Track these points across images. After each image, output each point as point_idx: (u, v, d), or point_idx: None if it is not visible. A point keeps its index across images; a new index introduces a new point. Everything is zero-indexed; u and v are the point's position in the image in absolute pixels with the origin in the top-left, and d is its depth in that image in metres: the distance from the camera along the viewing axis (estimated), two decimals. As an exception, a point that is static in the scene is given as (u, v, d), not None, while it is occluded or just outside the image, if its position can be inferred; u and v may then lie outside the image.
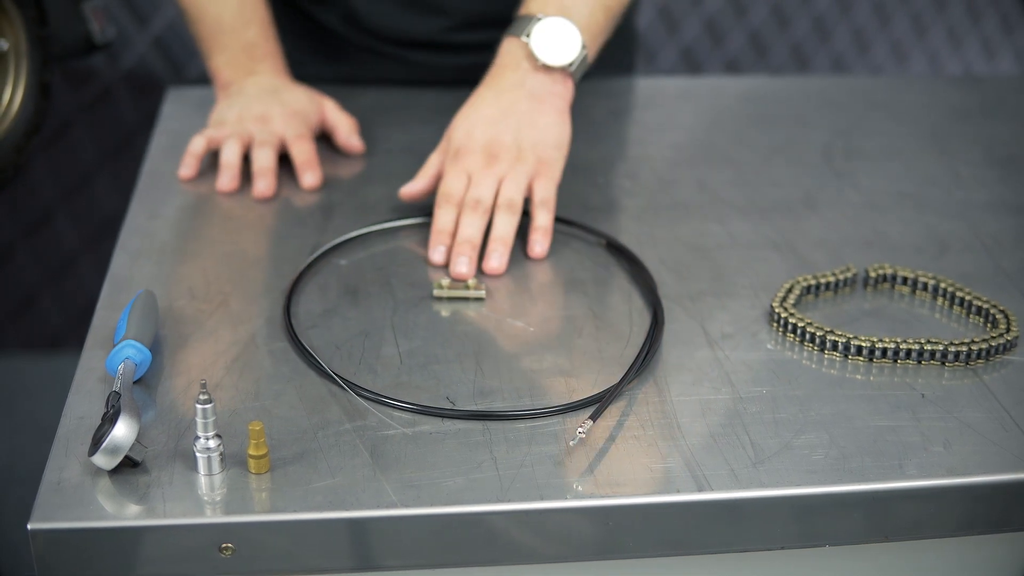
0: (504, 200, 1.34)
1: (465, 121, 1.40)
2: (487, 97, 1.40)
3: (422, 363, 1.14)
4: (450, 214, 1.34)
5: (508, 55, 1.42)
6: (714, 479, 1.00)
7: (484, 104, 1.40)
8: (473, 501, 0.97)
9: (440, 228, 1.34)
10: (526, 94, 1.39)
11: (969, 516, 1.04)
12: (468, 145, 1.38)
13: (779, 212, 1.45)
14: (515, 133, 1.38)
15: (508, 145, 1.37)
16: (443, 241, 1.33)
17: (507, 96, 1.40)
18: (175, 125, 1.67)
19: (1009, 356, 1.19)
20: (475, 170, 1.36)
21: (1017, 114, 1.84)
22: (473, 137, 1.38)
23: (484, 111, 1.39)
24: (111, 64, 2.59)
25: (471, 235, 1.32)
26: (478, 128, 1.38)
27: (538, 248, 1.35)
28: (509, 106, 1.39)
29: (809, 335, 1.19)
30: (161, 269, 1.30)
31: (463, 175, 1.36)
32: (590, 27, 1.43)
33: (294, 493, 0.97)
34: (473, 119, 1.39)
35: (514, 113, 1.38)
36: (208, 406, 0.97)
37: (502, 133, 1.37)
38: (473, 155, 1.37)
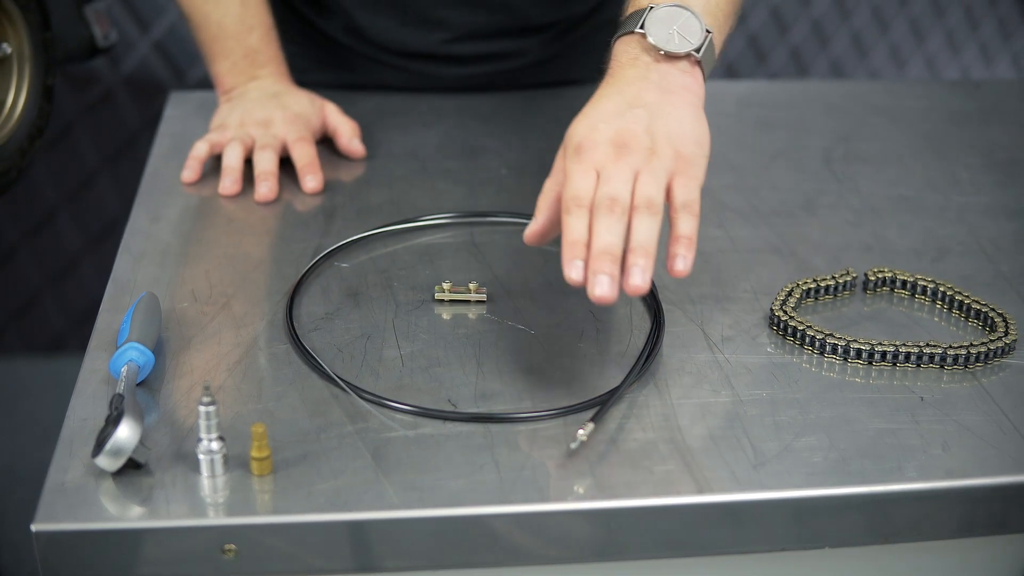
0: (643, 199, 1.09)
1: (584, 119, 1.16)
2: (607, 94, 1.17)
3: (424, 366, 1.15)
4: (583, 220, 1.08)
5: (623, 53, 1.21)
6: (714, 481, 1.01)
7: (605, 100, 1.16)
8: (474, 503, 0.98)
9: (575, 239, 1.07)
10: (653, 86, 1.16)
11: (968, 518, 1.04)
12: (592, 138, 1.13)
13: (779, 216, 1.46)
14: (647, 123, 1.13)
15: (640, 135, 1.12)
16: (580, 254, 1.06)
17: (631, 89, 1.16)
18: (177, 128, 1.68)
19: (1007, 359, 1.19)
20: (604, 164, 1.11)
21: (1015, 118, 1.84)
22: (597, 130, 1.13)
23: (606, 106, 1.15)
24: (113, 68, 2.60)
25: (610, 244, 1.06)
26: (602, 120, 1.14)
27: (681, 264, 1.09)
28: (635, 98, 1.15)
29: (809, 338, 1.19)
30: (164, 272, 1.30)
31: (591, 172, 1.11)
32: (711, 11, 1.22)
33: (296, 495, 0.98)
34: (594, 116, 1.15)
35: (642, 104, 1.15)
36: (211, 408, 0.98)
37: (631, 123, 1.13)
38: (599, 148, 1.12)
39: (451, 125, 1.71)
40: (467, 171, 1.57)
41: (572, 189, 1.10)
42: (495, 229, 1.42)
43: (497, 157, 1.61)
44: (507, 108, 1.77)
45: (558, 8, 1.77)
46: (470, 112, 1.76)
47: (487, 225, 1.42)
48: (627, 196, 1.09)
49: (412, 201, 1.48)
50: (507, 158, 1.61)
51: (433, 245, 1.38)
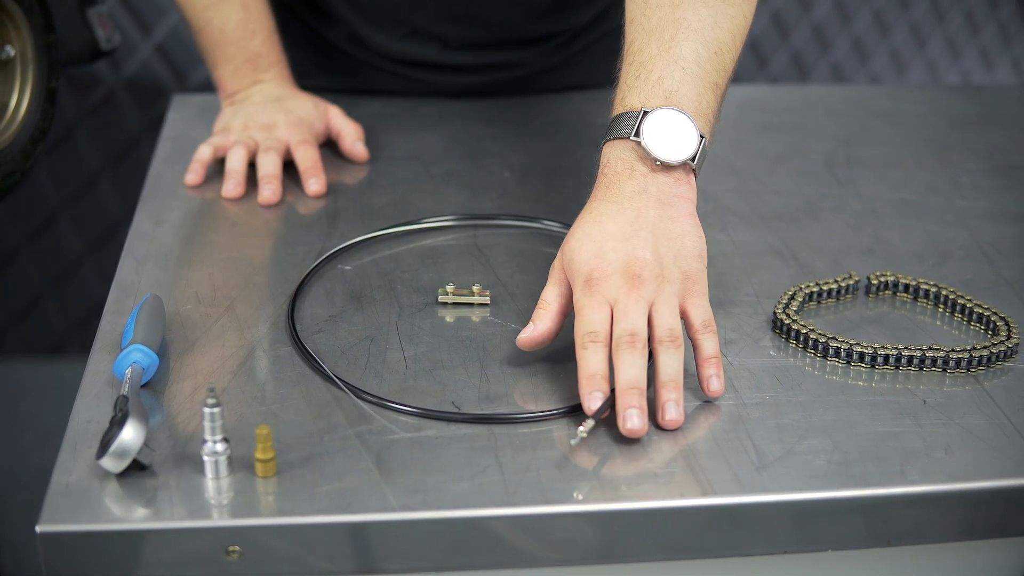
0: (665, 332, 1.11)
1: (588, 242, 1.15)
2: (608, 211, 1.16)
3: (427, 368, 1.15)
4: (599, 354, 1.09)
5: (618, 160, 1.19)
6: (718, 484, 1.01)
7: (606, 219, 1.16)
8: (478, 505, 0.98)
9: (592, 372, 1.08)
10: (652, 201, 1.16)
11: (970, 521, 1.05)
12: (602, 268, 1.13)
13: (781, 220, 1.46)
14: (653, 248, 1.13)
15: (650, 263, 1.13)
16: (600, 387, 1.08)
17: (631, 206, 1.16)
18: (180, 131, 1.68)
19: (1010, 363, 1.19)
20: (618, 297, 1.11)
21: (1016, 123, 1.84)
22: (606, 259, 1.13)
23: (608, 227, 1.15)
24: (114, 70, 2.60)
25: (635, 378, 1.08)
26: (608, 247, 1.13)
27: (716, 384, 1.12)
28: (636, 217, 1.15)
29: (811, 341, 1.19)
30: (167, 274, 1.31)
31: (604, 306, 1.11)
32: (702, 113, 1.20)
33: (300, 497, 0.98)
34: (598, 238, 1.14)
35: (645, 224, 1.15)
36: (215, 410, 0.98)
37: (638, 249, 1.13)
38: (611, 279, 1.12)
39: (454, 128, 1.72)
40: (470, 174, 1.57)
41: (587, 325, 1.11)
42: (498, 232, 1.42)
43: (500, 160, 1.61)
44: (510, 111, 1.78)
45: (557, 22, 1.77)
46: (473, 115, 1.76)
47: (490, 228, 1.43)
48: (645, 329, 1.10)
49: (415, 204, 1.48)
50: (510, 161, 1.61)
51: (436, 248, 1.38)
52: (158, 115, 1.76)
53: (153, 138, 1.68)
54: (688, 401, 1.11)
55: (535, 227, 1.43)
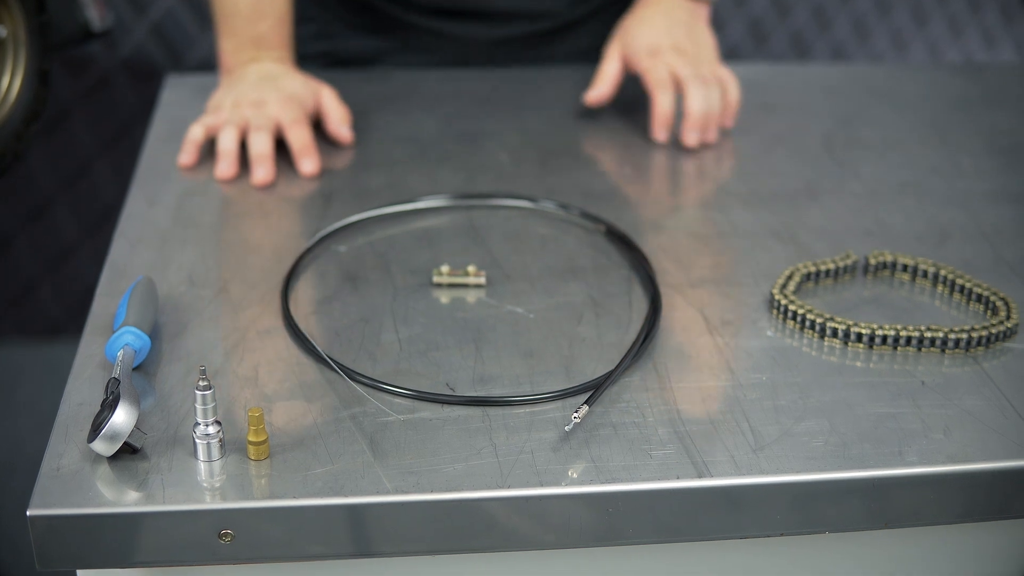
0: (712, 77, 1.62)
1: (645, 30, 1.66)
2: (655, 15, 1.68)
3: (422, 350, 1.14)
4: (670, 96, 1.59)
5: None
6: (714, 465, 1.00)
7: (656, 19, 1.67)
8: (472, 487, 0.97)
9: (664, 111, 1.59)
10: (686, 15, 1.68)
11: (969, 503, 1.04)
12: (660, 44, 1.63)
13: (780, 201, 1.45)
14: (690, 41, 1.65)
15: (693, 50, 1.64)
16: (667, 123, 1.60)
17: (673, 15, 1.68)
18: (174, 112, 1.67)
19: (1009, 343, 1.19)
20: (672, 61, 1.61)
21: (1018, 103, 1.84)
22: (659, 41, 1.63)
23: (658, 22, 1.67)
24: (109, 51, 2.59)
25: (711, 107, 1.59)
26: (661, 34, 1.65)
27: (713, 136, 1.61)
28: (675, 22, 1.67)
29: (809, 322, 1.19)
30: (160, 256, 1.30)
31: (667, 66, 1.61)
32: None
33: (293, 479, 0.97)
34: (650, 29, 1.66)
35: (681, 26, 1.66)
36: (207, 392, 0.97)
37: (682, 40, 1.64)
38: (667, 53, 1.62)
39: (450, 109, 1.71)
40: (466, 155, 1.57)
41: (658, 74, 1.60)
42: (494, 213, 1.41)
43: (496, 141, 1.60)
44: (506, 92, 1.77)
45: None
46: (469, 96, 1.75)
47: (486, 209, 1.42)
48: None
49: (410, 185, 1.47)
50: (506, 142, 1.60)
51: (432, 229, 1.37)
52: (154, 96, 1.75)
53: (149, 119, 1.67)
54: (687, 382, 1.10)
55: (531, 207, 1.42)
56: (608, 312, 1.21)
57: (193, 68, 2.60)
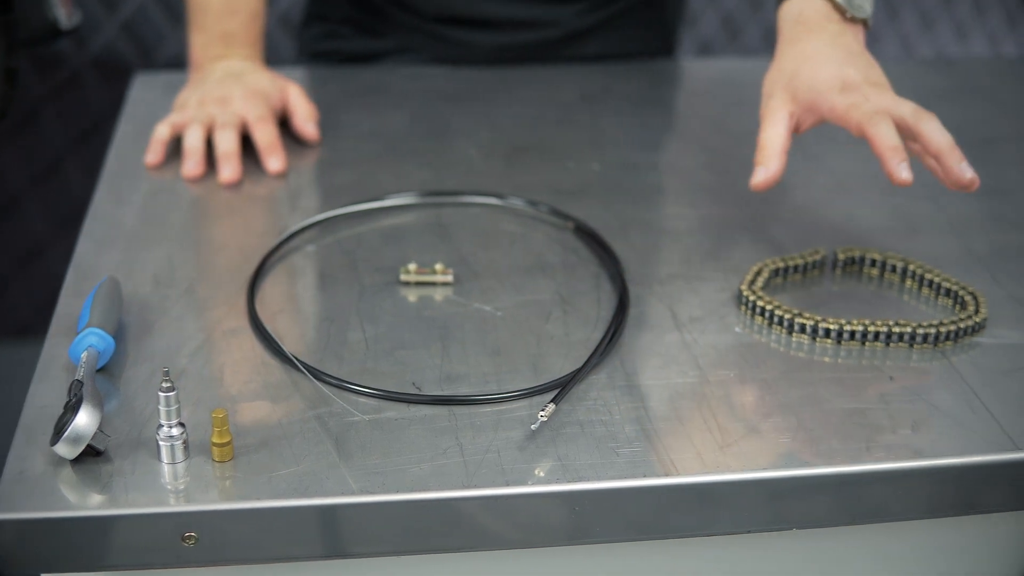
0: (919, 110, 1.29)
1: (822, 65, 1.32)
2: (821, 44, 1.34)
3: (388, 349, 1.14)
4: (892, 125, 1.26)
5: (814, 12, 1.37)
6: (681, 463, 0.99)
7: (825, 48, 1.34)
8: (438, 487, 0.96)
9: (896, 143, 1.24)
10: (852, 41, 1.36)
11: (937, 499, 1.04)
12: (851, 78, 1.30)
13: (750, 196, 1.45)
14: (872, 68, 1.33)
15: (880, 76, 1.33)
16: (904, 157, 1.24)
17: (840, 42, 1.35)
18: (142, 111, 1.66)
19: (978, 338, 1.18)
20: (870, 95, 1.29)
21: (989, 97, 1.84)
22: (849, 74, 1.31)
23: (831, 53, 1.33)
24: (79, 49, 2.57)
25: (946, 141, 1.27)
26: (845, 64, 1.32)
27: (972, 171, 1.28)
28: (848, 49, 1.34)
29: (777, 318, 1.18)
30: (126, 256, 1.29)
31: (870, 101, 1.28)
32: None
33: (258, 481, 0.96)
34: (829, 62, 1.33)
35: (857, 55, 1.34)
36: (171, 394, 0.96)
37: (866, 69, 1.33)
38: (862, 86, 1.30)
39: (419, 106, 1.70)
40: (435, 152, 1.56)
41: (868, 108, 1.27)
42: (462, 210, 1.40)
43: (465, 138, 1.60)
44: (476, 88, 1.77)
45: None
46: (438, 93, 1.75)
47: (454, 206, 1.41)
48: None
49: (378, 182, 1.46)
50: (476, 139, 1.60)
51: (399, 226, 1.37)
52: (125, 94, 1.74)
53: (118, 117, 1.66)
54: (655, 379, 1.10)
55: (499, 205, 1.41)
56: (576, 309, 1.21)
57: (164, 65, 2.59)
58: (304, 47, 1.96)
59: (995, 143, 1.65)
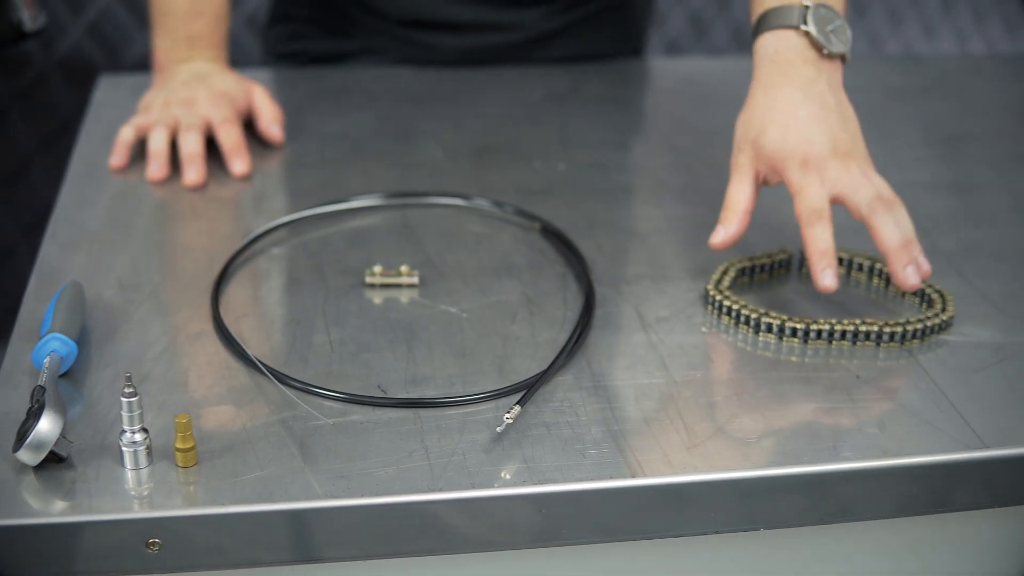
0: (891, 195, 1.21)
1: (790, 128, 1.23)
2: (794, 96, 1.25)
3: (353, 351, 1.13)
4: (828, 231, 1.20)
5: (788, 49, 1.27)
6: (647, 464, 0.99)
7: (797, 104, 1.24)
8: (404, 491, 0.96)
9: (825, 248, 1.19)
10: (827, 86, 1.26)
11: (906, 497, 1.03)
12: (816, 151, 1.21)
13: (717, 195, 1.44)
14: (843, 128, 1.24)
15: (849, 141, 1.23)
16: (833, 263, 1.19)
17: (814, 90, 1.25)
18: (107, 113, 1.65)
19: (945, 336, 1.18)
20: (839, 176, 1.21)
21: (955, 93, 1.84)
22: (816, 142, 1.21)
23: (801, 112, 1.23)
24: (45, 51, 2.56)
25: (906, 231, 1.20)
26: (813, 130, 1.22)
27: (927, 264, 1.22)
28: (821, 100, 1.24)
29: (744, 318, 1.18)
30: (90, 259, 1.28)
31: (824, 184, 1.21)
32: (842, 8, 1.33)
33: (222, 486, 0.96)
34: (798, 124, 1.23)
35: (830, 108, 1.24)
36: (133, 399, 0.96)
37: (837, 130, 1.23)
38: (827, 160, 1.21)
39: (385, 106, 1.70)
40: (401, 153, 1.56)
41: (812, 202, 1.20)
42: (428, 211, 1.40)
43: (432, 139, 1.59)
44: (443, 89, 1.76)
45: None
46: (404, 93, 1.74)
47: (420, 207, 1.41)
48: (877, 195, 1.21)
49: (344, 183, 1.46)
50: (442, 139, 1.59)
51: (365, 228, 1.36)
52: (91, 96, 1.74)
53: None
54: (621, 380, 1.10)
55: (465, 205, 1.41)
56: (542, 310, 1.20)
57: (131, 67, 2.58)
58: (269, 48, 1.95)
59: (962, 140, 1.65)
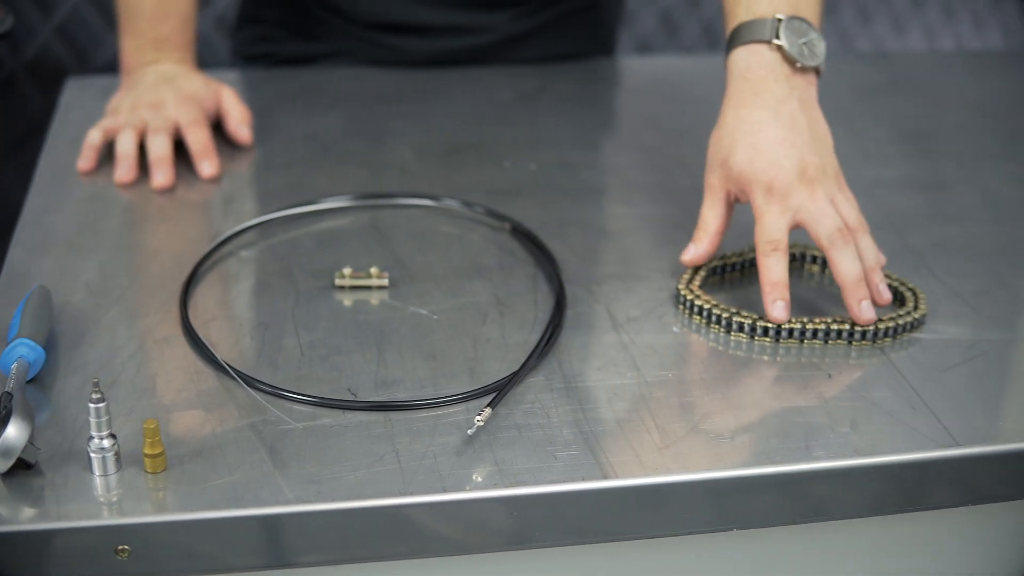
0: (858, 223, 1.21)
1: (758, 152, 1.21)
2: (764, 118, 1.22)
3: (323, 355, 1.12)
4: (782, 262, 1.18)
5: (760, 65, 1.25)
6: (619, 465, 0.99)
7: (766, 126, 1.22)
8: (374, 495, 0.95)
9: (776, 280, 1.18)
10: (798, 104, 1.23)
11: (879, 496, 1.04)
12: (781, 177, 1.19)
13: (688, 194, 1.44)
14: (813, 150, 1.21)
15: (819, 165, 1.20)
16: (784, 295, 1.17)
17: (784, 111, 1.22)
18: (75, 115, 1.64)
19: (917, 334, 1.18)
20: (803, 203, 1.19)
21: (924, 90, 1.84)
22: (782, 167, 1.19)
23: (770, 134, 1.21)
24: (13, 53, 2.55)
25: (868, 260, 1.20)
26: (780, 154, 1.20)
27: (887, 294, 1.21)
28: (792, 121, 1.22)
29: (715, 317, 1.18)
30: (58, 263, 1.27)
31: (786, 213, 1.19)
32: (817, 19, 1.29)
33: (191, 492, 0.95)
34: (766, 147, 1.20)
35: (800, 128, 1.22)
36: (101, 405, 0.95)
37: (805, 153, 1.20)
38: (793, 186, 1.19)
39: (354, 107, 1.69)
40: (370, 154, 1.55)
41: (769, 233, 1.19)
42: (398, 212, 1.39)
43: (401, 139, 1.59)
44: (412, 90, 1.75)
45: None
46: (374, 94, 1.74)
47: (390, 208, 1.40)
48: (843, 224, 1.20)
49: (313, 185, 1.45)
50: (411, 140, 1.58)
51: (334, 230, 1.35)
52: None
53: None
54: (593, 381, 1.09)
55: (435, 206, 1.40)
56: (513, 311, 1.20)
57: (100, 69, 2.57)
58: (237, 50, 1.94)
59: (931, 137, 1.65)
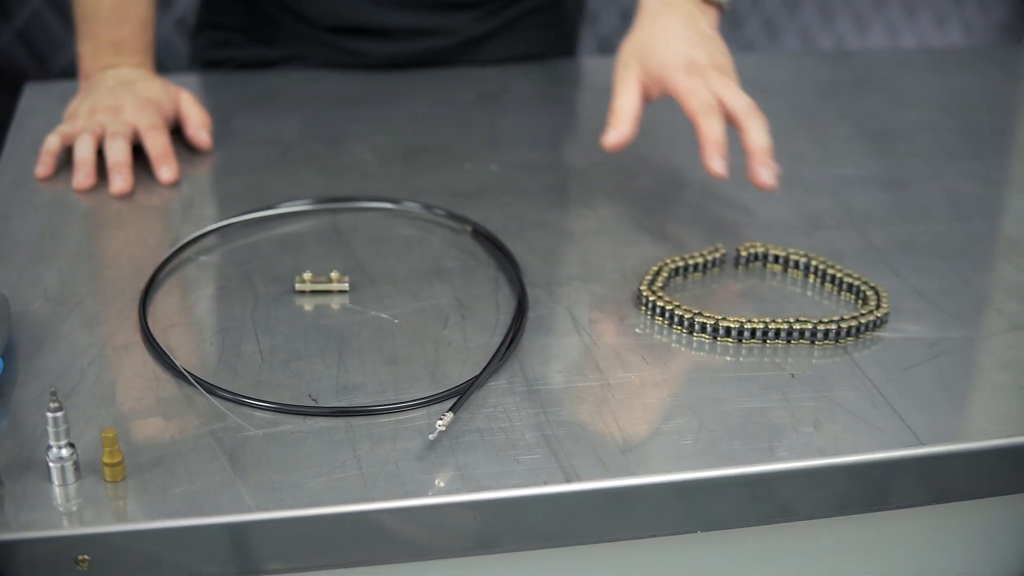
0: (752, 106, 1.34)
1: (675, 42, 1.39)
2: (676, 24, 1.41)
3: (284, 360, 1.12)
4: (722, 122, 1.32)
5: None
6: (582, 469, 0.98)
7: (679, 28, 1.41)
8: (335, 502, 0.94)
9: (717, 138, 1.31)
10: (706, 24, 1.44)
11: (843, 496, 1.03)
12: (699, 61, 1.37)
13: (650, 194, 1.44)
14: (721, 54, 1.40)
15: (727, 63, 1.39)
16: (723, 152, 1.31)
17: (695, 24, 1.42)
18: (34, 121, 1.63)
19: (879, 333, 1.18)
20: (717, 84, 1.35)
21: (886, 88, 1.84)
22: (698, 56, 1.37)
23: (683, 33, 1.40)
24: (-29, 59, 2.54)
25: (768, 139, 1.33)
26: (694, 46, 1.38)
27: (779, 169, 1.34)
28: (700, 31, 1.41)
29: (677, 317, 1.17)
30: (16, 271, 1.26)
31: (707, 87, 1.34)
32: None
33: (151, 500, 0.94)
34: (681, 41, 1.39)
35: (708, 37, 1.41)
36: (59, 414, 0.94)
37: (715, 53, 1.39)
38: (708, 70, 1.36)
39: (314, 110, 1.68)
40: (330, 156, 1.54)
41: (704, 97, 1.33)
42: (358, 215, 1.39)
43: (361, 142, 1.58)
44: (371, 92, 1.75)
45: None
46: (334, 96, 1.73)
47: (350, 211, 1.39)
48: None
49: (273, 189, 1.44)
50: (371, 143, 1.58)
51: (294, 234, 1.35)
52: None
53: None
54: (554, 384, 1.09)
55: (395, 209, 1.40)
56: (475, 314, 1.19)
57: (61, 74, 2.56)
58: (196, 55, 1.93)
59: (893, 135, 1.66)
